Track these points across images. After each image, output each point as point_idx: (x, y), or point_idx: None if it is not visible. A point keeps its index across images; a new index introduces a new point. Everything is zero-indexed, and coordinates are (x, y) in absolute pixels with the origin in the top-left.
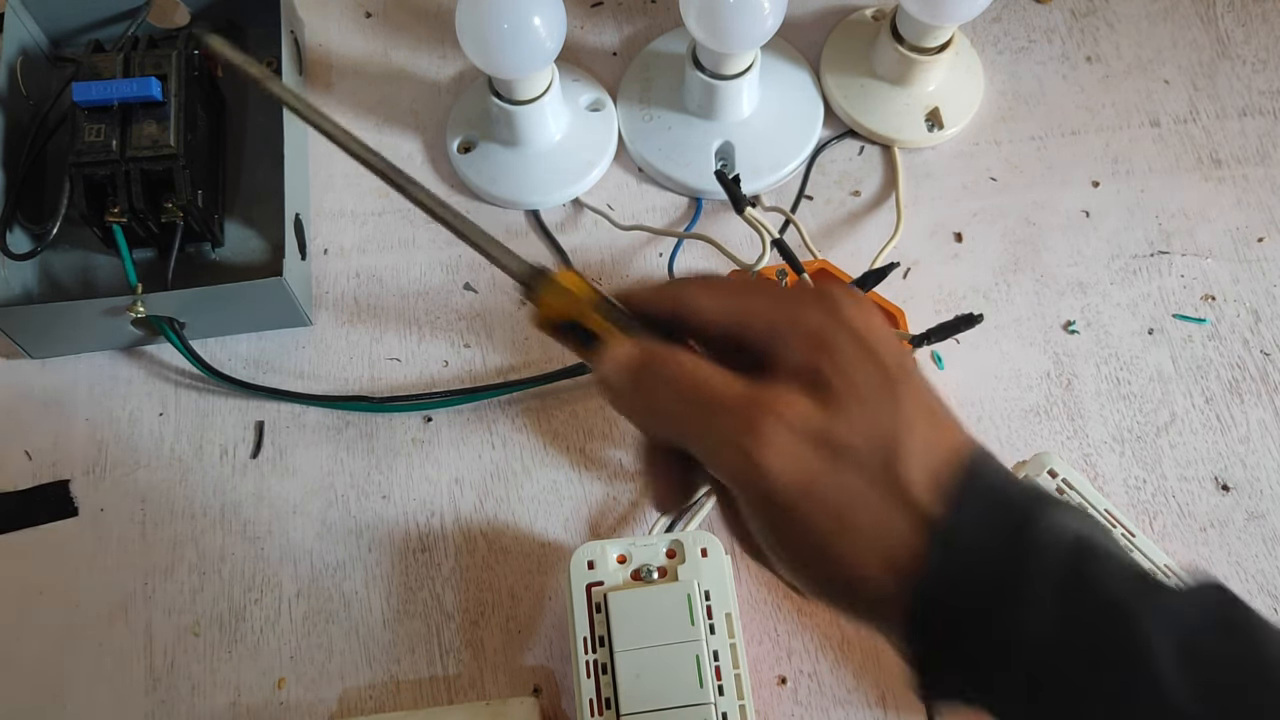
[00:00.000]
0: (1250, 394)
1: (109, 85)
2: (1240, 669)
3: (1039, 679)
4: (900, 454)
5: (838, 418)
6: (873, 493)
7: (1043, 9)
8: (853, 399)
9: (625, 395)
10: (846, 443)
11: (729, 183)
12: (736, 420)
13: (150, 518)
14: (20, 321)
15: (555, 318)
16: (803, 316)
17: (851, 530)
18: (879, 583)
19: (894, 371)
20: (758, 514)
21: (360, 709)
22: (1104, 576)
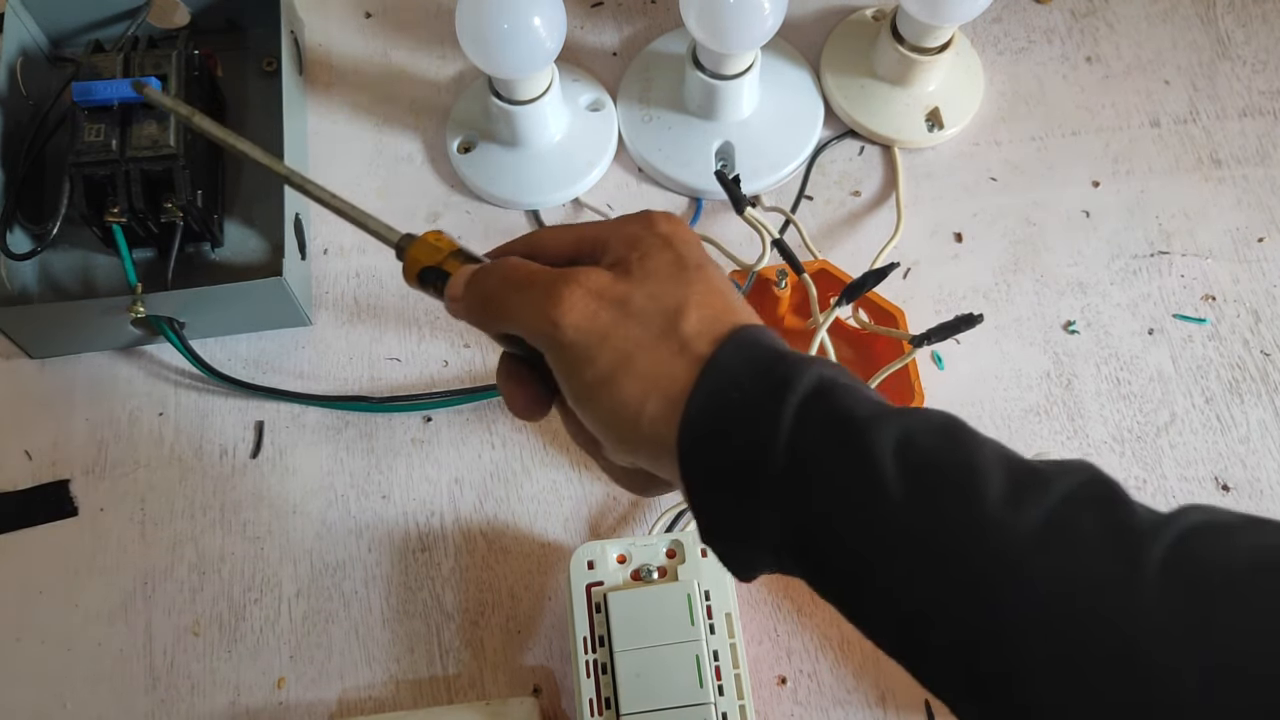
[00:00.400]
0: (1250, 394)
1: (109, 85)
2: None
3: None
4: (682, 315)
5: (631, 286)
6: (655, 341)
7: (1043, 9)
8: (648, 275)
9: (464, 300)
10: (636, 304)
11: (729, 183)
12: (542, 290)
13: (150, 518)
14: (20, 321)
15: (419, 268)
16: (623, 226)
17: (634, 371)
18: (657, 414)
19: (690, 262)
20: (558, 367)
21: (360, 709)
22: (845, 400)
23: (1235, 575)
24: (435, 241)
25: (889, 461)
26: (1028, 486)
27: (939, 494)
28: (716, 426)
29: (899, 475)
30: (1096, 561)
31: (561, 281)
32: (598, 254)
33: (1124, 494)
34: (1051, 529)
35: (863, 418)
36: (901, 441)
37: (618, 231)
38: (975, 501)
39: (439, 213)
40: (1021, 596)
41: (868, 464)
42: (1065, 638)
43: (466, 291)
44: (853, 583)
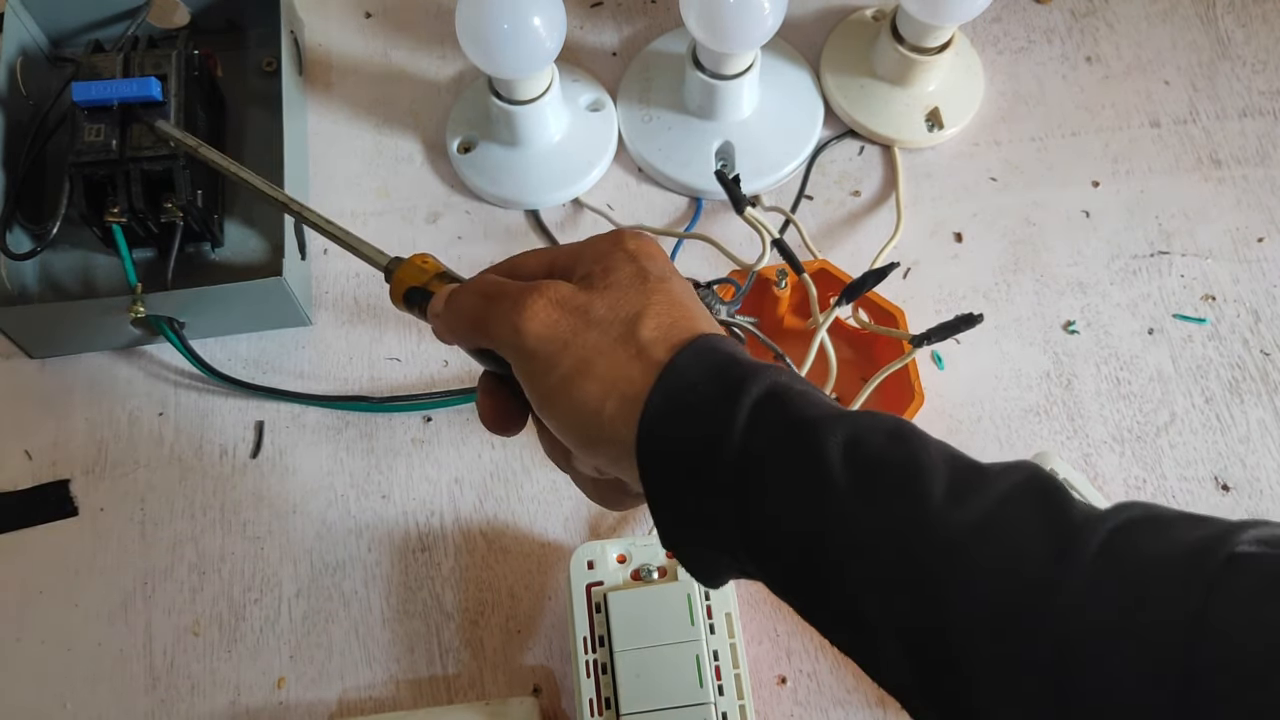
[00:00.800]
0: (1250, 394)
1: (109, 85)
2: (888, 456)
3: (737, 482)
4: (640, 322)
5: (591, 298)
6: (613, 346)
7: (1043, 9)
8: (610, 286)
9: (443, 316)
10: (596, 313)
11: (729, 183)
12: (509, 302)
13: (150, 518)
14: (20, 321)
15: (405, 289)
16: (594, 243)
17: (594, 374)
18: (616, 417)
19: (651, 274)
20: (523, 374)
21: (360, 709)
22: (797, 403)
23: (1168, 566)
24: (421, 264)
25: (837, 459)
26: (970, 483)
27: (884, 489)
28: (672, 425)
29: (846, 471)
30: (1033, 551)
31: (526, 291)
32: (569, 269)
33: (1063, 491)
34: (991, 522)
35: (813, 418)
36: (850, 441)
37: (588, 249)
38: (919, 497)
39: (439, 213)
40: (963, 588)
41: (817, 461)
42: (1004, 626)
43: (445, 309)
44: (803, 579)
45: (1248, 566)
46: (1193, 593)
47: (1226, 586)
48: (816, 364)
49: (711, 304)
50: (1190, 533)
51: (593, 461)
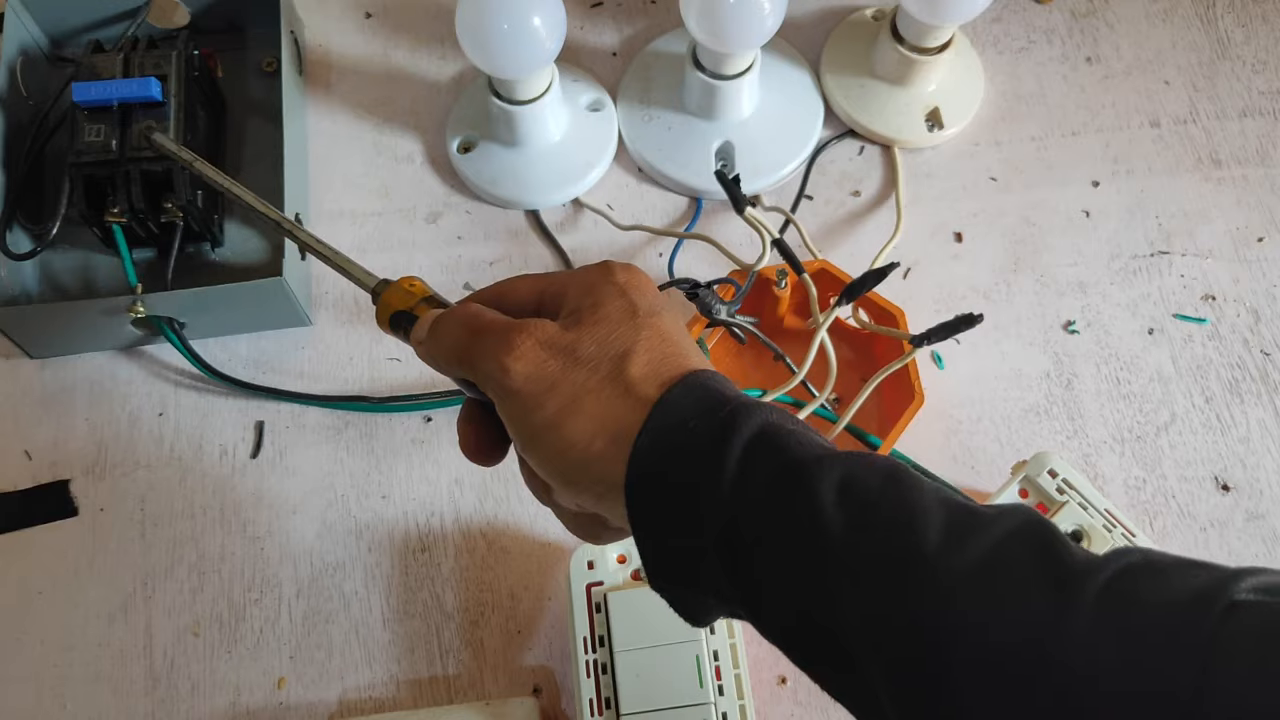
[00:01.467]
0: (1250, 394)
1: (109, 85)
2: (883, 497)
3: (729, 525)
4: (629, 359)
5: (579, 335)
6: (601, 384)
7: (1043, 9)
8: (598, 322)
9: (426, 343)
10: (585, 353)
11: (729, 183)
12: (495, 338)
13: (150, 518)
14: (20, 321)
15: (391, 312)
16: (583, 275)
17: (582, 412)
18: (604, 456)
19: (641, 309)
20: (507, 414)
21: (360, 709)
22: (789, 442)
23: (1168, 616)
24: (408, 287)
25: (830, 501)
26: (967, 526)
27: (878, 531)
28: (662, 465)
29: (839, 513)
30: (1031, 598)
31: (513, 330)
32: (558, 302)
33: (1060, 536)
34: (988, 567)
35: (805, 459)
36: (844, 483)
37: (575, 281)
38: (914, 539)
39: (439, 213)
40: (960, 634)
41: (810, 503)
42: (1002, 673)
43: (429, 337)
44: (794, 622)
45: (1248, 617)
46: (1195, 645)
47: (1228, 638)
48: (816, 364)
49: (711, 304)
50: (1189, 580)
51: (576, 499)
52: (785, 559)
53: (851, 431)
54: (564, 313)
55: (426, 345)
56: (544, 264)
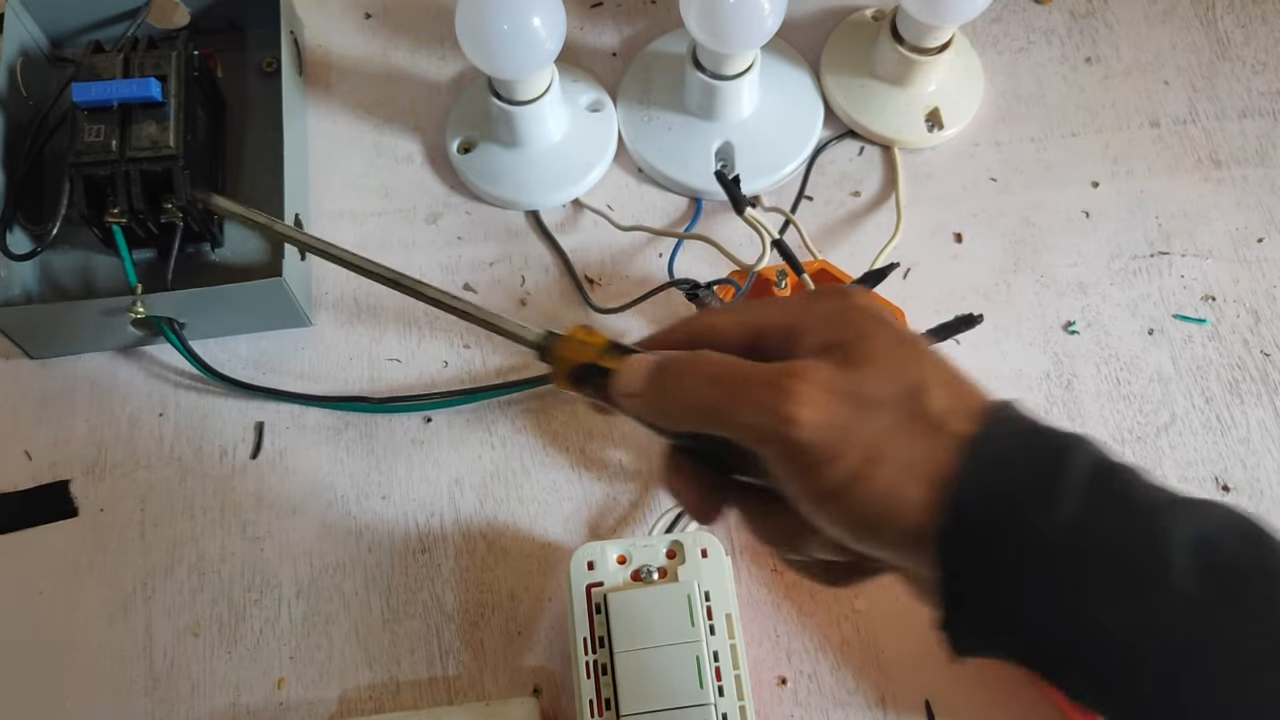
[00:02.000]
0: (1250, 394)
1: (109, 85)
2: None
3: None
4: (927, 396)
5: (862, 375)
6: (902, 426)
7: (1043, 10)
8: (874, 360)
9: (646, 395)
10: (873, 394)
11: (729, 183)
12: (766, 389)
13: (150, 518)
14: (20, 321)
15: (571, 366)
16: (817, 307)
17: (887, 461)
18: (917, 502)
19: (908, 337)
20: (790, 469)
21: (360, 709)
22: (1130, 484)
23: None
24: (586, 337)
25: (1183, 557)
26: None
27: (1242, 600)
28: (988, 509)
29: (1195, 574)
30: None
31: (787, 376)
32: (789, 341)
33: None
34: None
35: (1152, 505)
36: (1199, 538)
37: (810, 313)
38: None
39: (439, 213)
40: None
41: (1158, 557)
42: None
43: (650, 387)
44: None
45: None
46: None
47: None
48: None
49: (712, 304)
50: None
51: (869, 551)
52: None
53: None
54: (810, 350)
55: (649, 398)
56: (544, 264)
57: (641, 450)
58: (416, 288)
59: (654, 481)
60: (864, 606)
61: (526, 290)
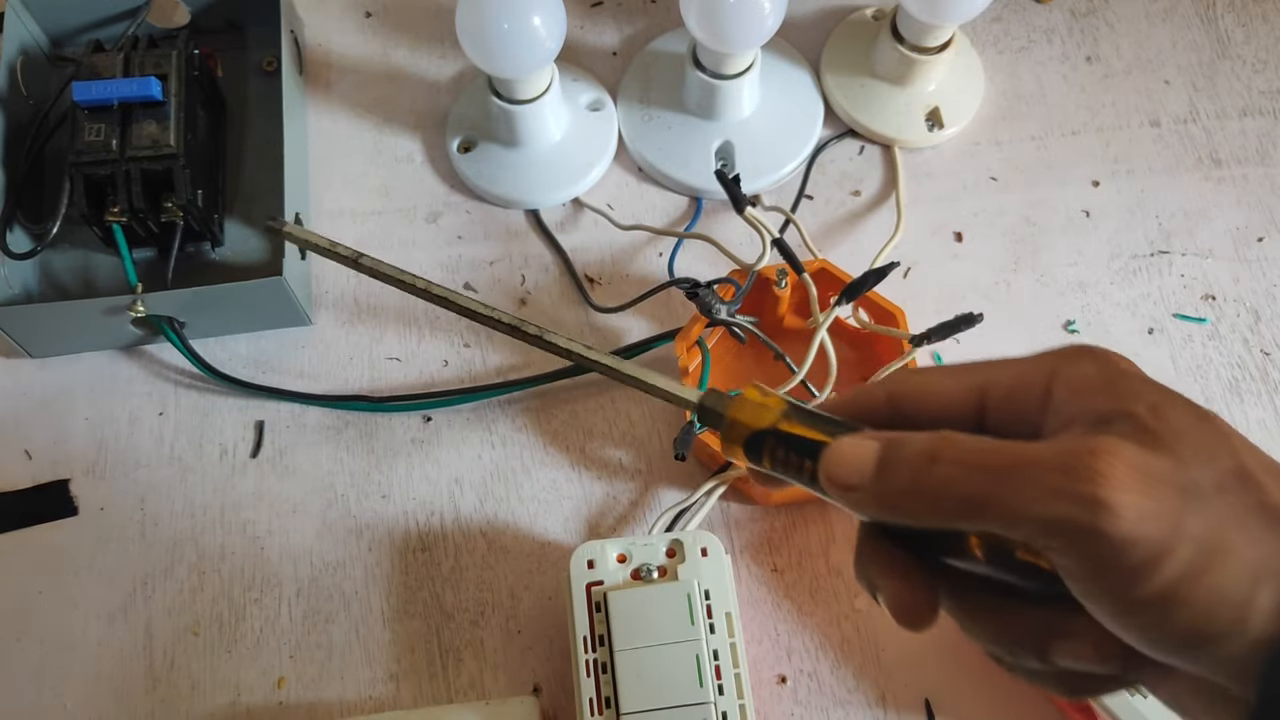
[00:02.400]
0: (1250, 394)
1: (109, 85)
2: None
3: None
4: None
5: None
6: (1244, 520)
7: (1043, 9)
8: (1179, 438)
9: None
10: (1195, 476)
11: (729, 182)
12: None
13: (150, 518)
14: (20, 321)
15: (748, 433)
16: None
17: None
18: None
19: (1203, 410)
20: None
21: (360, 709)
22: None
23: None
24: (762, 400)
25: None
26: None
27: None
28: None
29: None
30: None
31: (1087, 456)
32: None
33: None
34: None
35: None
36: None
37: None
38: None
39: (439, 212)
40: None
41: None
42: None
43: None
44: None
45: None
46: None
47: None
48: (816, 364)
49: (711, 304)
50: None
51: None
52: None
53: None
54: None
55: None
56: (544, 264)
57: (641, 449)
58: (526, 329)
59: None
60: (864, 606)
61: (526, 290)
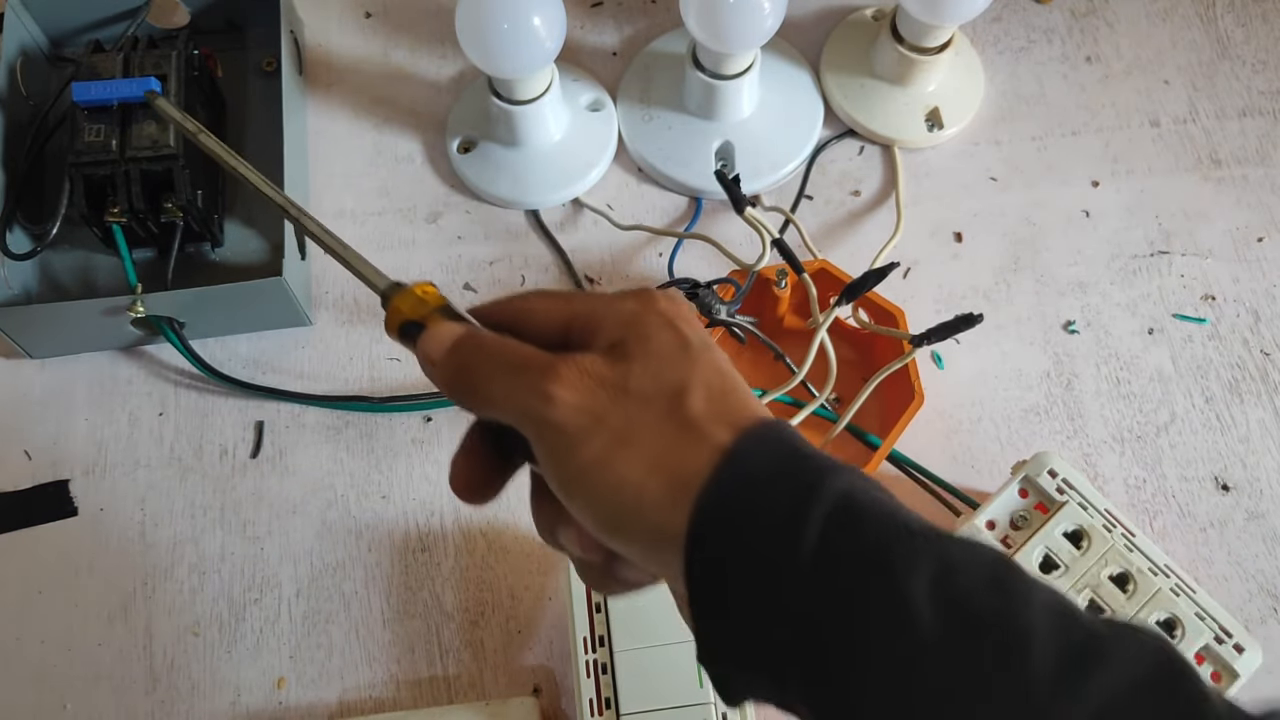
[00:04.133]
0: (1250, 394)
1: (109, 85)
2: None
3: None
4: (687, 394)
5: (630, 369)
6: (658, 421)
7: (1043, 9)
8: (647, 357)
9: (440, 366)
10: (635, 384)
11: (729, 183)
12: (537, 373)
13: (150, 518)
14: (20, 321)
15: (401, 320)
16: (619, 305)
17: (636, 451)
18: (662, 501)
19: (694, 342)
20: (545, 450)
21: (360, 709)
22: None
23: None
24: (422, 294)
25: (924, 599)
26: (1085, 660)
27: (979, 653)
28: (732, 528)
29: (935, 618)
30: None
31: (557, 360)
32: (590, 331)
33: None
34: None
35: (897, 540)
36: (939, 576)
37: (613, 309)
38: (1020, 671)
39: (439, 212)
40: None
41: (899, 597)
42: None
43: (448, 358)
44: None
45: None
46: None
47: None
48: (816, 364)
49: (711, 304)
50: None
51: (619, 549)
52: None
53: (851, 432)
54: (601, 345)
55: (443, 371)
56: (543, 264)
57: None
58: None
59: None
60: None
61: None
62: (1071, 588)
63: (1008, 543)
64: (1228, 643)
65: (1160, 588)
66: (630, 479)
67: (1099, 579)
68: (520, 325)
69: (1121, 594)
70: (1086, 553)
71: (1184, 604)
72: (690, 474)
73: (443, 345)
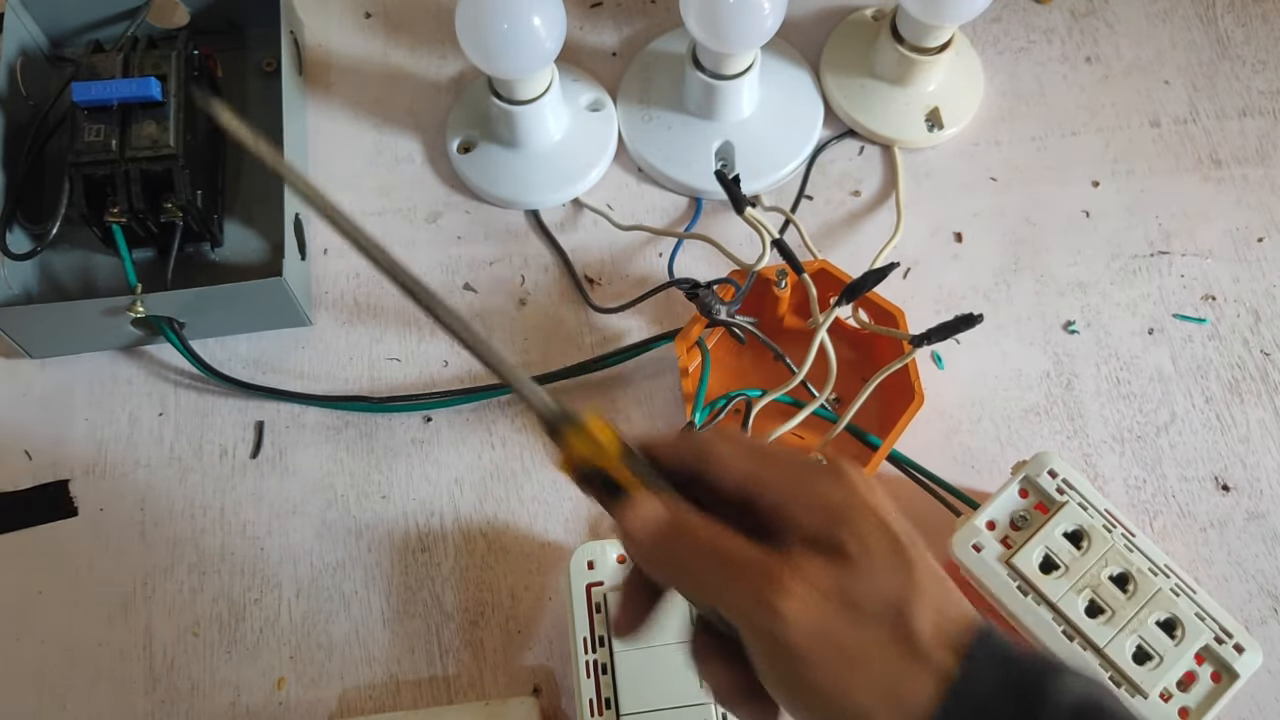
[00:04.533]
0: (1250, 394)
1: (109, 85)
2: None
3: None
4: (913, 612)
5: (853, 577)
6: (886, 643)
7: (1043, 9)
8: (867, 563)
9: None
10: (861, 599)
11: (729, 183)
12: (761, 579)
13: (150, 518)
14: (20, 321)
15: (581, 464)
16: (819, 487)
17: (864, 676)
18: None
19: (906, 543)
20: (772, 661)
21: (360, 709)
22: None
23: None
24: (600, 434)
25: None
26: None
27: None
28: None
29: None
30: None
31: (780, 567)
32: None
33: None
34: None
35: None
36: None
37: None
38: None
39: (439, 212)
40: None
41: None
42: None
43: (656, 543)
44: None
45: None
46: None
47: None
48: (816, 364)
49: (711, 304)
50: None
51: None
52: None
53: (852, 432)
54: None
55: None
56: (543, 264)
57: None
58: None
59: None
60: None
61: (526, 290)
62: (1071, 588)
63: (1008, 543)
64: (1228, 643)
65: (1160, 588)
66: (859, 705)
67: (1099, 579)
68: (702, 471)
69: (1121, 594)
70: (1086, 553)
71: (1184, 604)
72: (916, 705)
73: (648, 527)
